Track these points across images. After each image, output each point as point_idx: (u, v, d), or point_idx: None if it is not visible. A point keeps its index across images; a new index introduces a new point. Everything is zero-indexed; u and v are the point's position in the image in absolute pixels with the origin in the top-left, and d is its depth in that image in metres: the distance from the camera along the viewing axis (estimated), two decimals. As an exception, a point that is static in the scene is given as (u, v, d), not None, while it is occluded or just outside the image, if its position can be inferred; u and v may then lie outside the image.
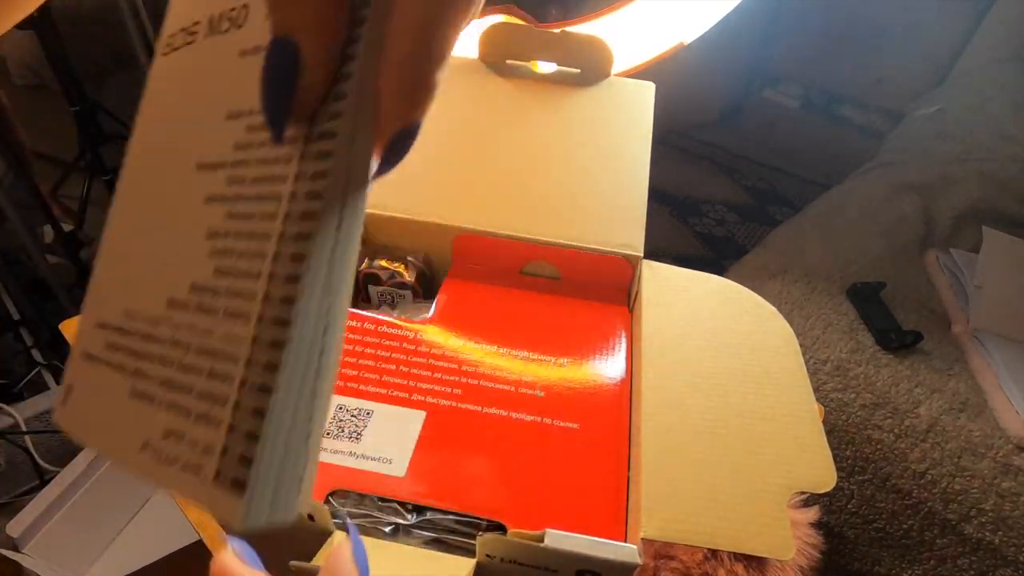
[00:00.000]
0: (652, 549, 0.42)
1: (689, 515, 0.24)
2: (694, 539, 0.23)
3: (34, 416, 1.05)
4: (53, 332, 1.14)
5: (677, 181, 1.96)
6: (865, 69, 1.86)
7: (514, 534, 0.22)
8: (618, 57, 0.47)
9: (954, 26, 1.67)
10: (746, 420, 0.27)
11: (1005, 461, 0.73)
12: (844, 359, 0.81)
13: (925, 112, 1.44)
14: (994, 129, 1.32)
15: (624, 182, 0.40)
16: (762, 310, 0.33)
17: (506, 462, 0.27)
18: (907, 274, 0.97)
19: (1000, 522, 0.71)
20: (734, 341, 0.31)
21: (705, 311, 0.33)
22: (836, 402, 0.79)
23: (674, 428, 0.27)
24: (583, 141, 0.42)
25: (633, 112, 0.45)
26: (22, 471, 1.04)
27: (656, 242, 1.33)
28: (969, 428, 0.76)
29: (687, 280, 0.34)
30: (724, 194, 1.95)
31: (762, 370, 0.30)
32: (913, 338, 0.83)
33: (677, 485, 0.25)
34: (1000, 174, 1.18)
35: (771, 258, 1.01)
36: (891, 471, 0.76)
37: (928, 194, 1.13)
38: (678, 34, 0.57)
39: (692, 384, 0.29)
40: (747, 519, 0.24)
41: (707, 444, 0.26)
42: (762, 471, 0.25)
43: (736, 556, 0.42)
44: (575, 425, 0.29)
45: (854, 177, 1.28)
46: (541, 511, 0.26)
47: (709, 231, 1.80)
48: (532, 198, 0.38)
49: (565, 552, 0.22)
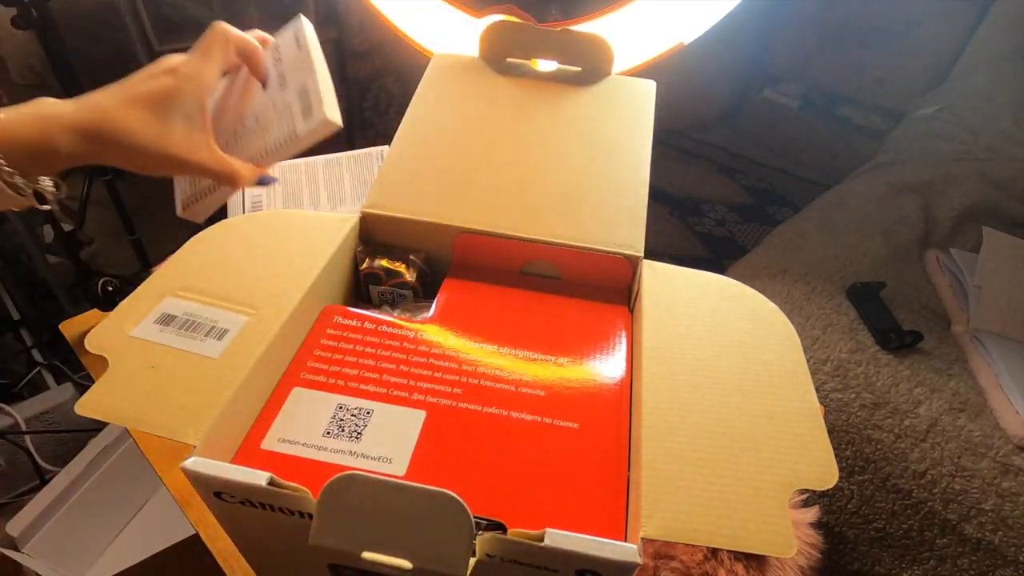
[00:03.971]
0: (652, 549, 0.42)
1: (690, 514, 0.24)
2: (695, 538, 0.23)
3: (34, 416, 1.05)
4: (53, 332, 1.14)
5: (677, 181, 1.96)
6: (865, 69, 1.86)
7: (514, 533, 0.22)
8: (618, 57, 0.47)
9: (954, 26, 1.66)
10: (747, 418, 0.27)
11: (1005, 461, 0.73)
12: (844, 359, 0.81)
13: (925, 112, 1.44)
14: (994, 129, 1.32)
15: (625, 181, 0.39)
16: (763, 308, 0.33)
17: (506, 462, 0.27)
18: (907, 274, 0.97)
19: (1000, 522, 0.71)
20: (735, 339, 0.31)
21: (706, 309, 0.33)
22: (836, 402, 0.79)
23: (674, 427, 0.27)
24: (584, 140, 0.42)
25: (634, 110, 0.45)
26: (22, 471, 1.04)
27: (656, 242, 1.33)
28: (969, 428, 0.76)
29: (688, 279, 0.34)
30: (724, 194, 1.95)
31: (763, 368, 0.30)
32: (913, 338, 0.83)
33: (677, 484, 0.25)
34: (1000, 174, 1.18)
35: (771, 258, 1.01)
36: (891, 471, 0.76)
37: (928, 194, 1.13)
38: (678, 34, 0.57)
39: (692, 383, 0.29)
40: (748, 517, 0.24)
41: (708, 443, 0.26)
42: (763, 469, 0.25)
43: (736, 556, 0.42)
44: (575, 425, 0.29)
45: (854, 177, 1.28)
46: (541, 510, 0.26)
47: (709, 231, 1.80)
48: (532, 198, 0.38)
49: (565, 552, 0.22)
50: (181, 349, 0.28)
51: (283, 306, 0.31)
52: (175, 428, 0.25)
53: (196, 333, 0.29)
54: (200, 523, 0.46)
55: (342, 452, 0.27)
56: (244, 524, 0.27)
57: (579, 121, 0.44)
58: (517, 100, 0.45)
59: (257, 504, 0.24)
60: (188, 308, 0.30)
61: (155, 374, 0.27)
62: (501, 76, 0.47)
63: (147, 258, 1.22)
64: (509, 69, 0.47)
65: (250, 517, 0.25)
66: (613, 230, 0.37)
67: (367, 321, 0.33)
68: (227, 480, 0.23)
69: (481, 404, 0.29)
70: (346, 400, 0.29)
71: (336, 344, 0.32)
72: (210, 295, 0.31)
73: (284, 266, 0.33)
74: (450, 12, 0.60)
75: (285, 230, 0.36)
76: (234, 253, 0.34)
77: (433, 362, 0.31)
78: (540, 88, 0.46)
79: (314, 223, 0.37)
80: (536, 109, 0.43)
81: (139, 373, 0.27)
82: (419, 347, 0.32)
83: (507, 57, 0.47)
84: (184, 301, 0.31)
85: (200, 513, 0.47)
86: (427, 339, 0.32)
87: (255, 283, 0.32)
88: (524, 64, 0.48)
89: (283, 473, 0.23)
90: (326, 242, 0.35)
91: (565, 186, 0.39)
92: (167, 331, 0.29)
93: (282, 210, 0.54)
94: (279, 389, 0.30)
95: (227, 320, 0.30)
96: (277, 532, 0.26)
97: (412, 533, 0.21)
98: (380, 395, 0.30)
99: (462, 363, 0.31)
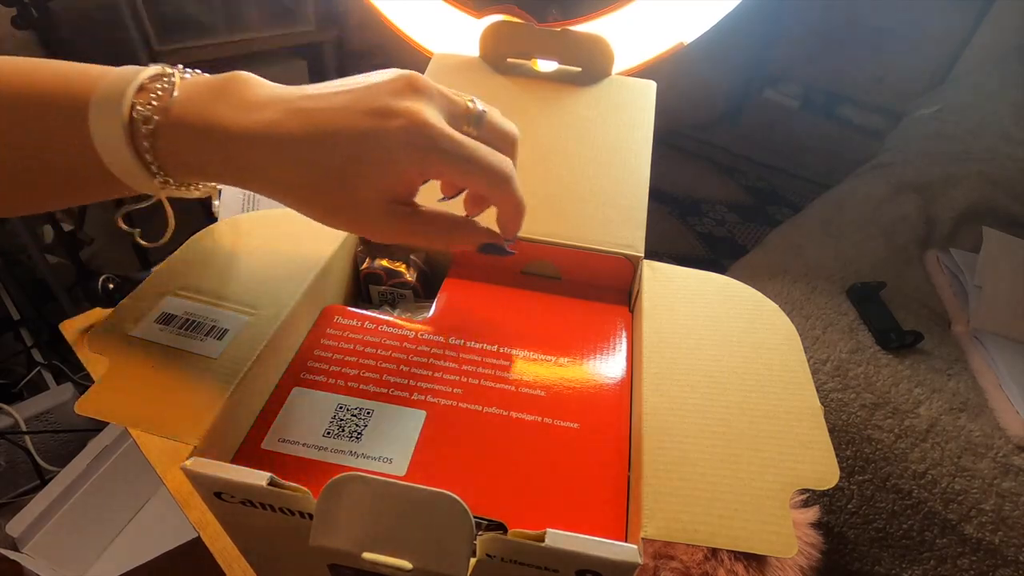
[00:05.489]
0: (652, 549, 0.42)
1: (690, 514, 0.24)
2: (695, 538, 0.23)
3: (34, 416, 1.05)
4: (53, 332, 1.14)
5: (677, 181, 1.96)
6: (865, 69, 1.86)
7: (515, 534, 0.22)
8: (618, 57, 0.47)
9: (954, 26, 1.67)
10: (747, 418, 0.27)
11: (1005, 461, 0.73)
12: (844, 359, 0.81)
13: (925, 112, 1.44)
14: (994, 129, 1.32)
15: (625, 181, 0.39)
16: (764, 307, 0.33)
17: (507, 462, 0.27)
18: (907, 274, 0.97)
19: (1000, 522, 0.71)
20: (735, 338, 0.31)
21: (706, 309, 0.33)
22: (836, 402, 0.79)
23: (675, 427, 0.27)
24: (584, 140, 0.42)
25: (634, 111, 0.45)
26: (22, 471, 1.04)
27: (656, 242, 1.33)
28: (969, 428, 0.76)
29: (688, 279, 0.34)
30: (724, 194, 1.95)
31: (764, 367, 0.30)
32: (913, 338, 0.83)
33: (678, 484, 0.25)
34: (1000, 174, 1.18)
35: (771, 258, 1.01)
36: (891, 471, 0.76)
37: (928, 194, 1.13)
38: (678, 34, 0.57)
39: (693, 382, 0.29)
40: (749, 517, 0.24)
41: (708, 442, 0.26)
42: (764, 469, 0.25)
43: (736, 556, 0.42)
44: (576, 425, 0.29)
45: (854, 177, 1.28)
46: (542, 511, 0.26)
47: (709, 231, 1.80)
48: (532, 198, 0.38)
49: (566, 552, 0.22)
50: (181, 349, 0.28)
51: (283, 306, 0.31)
52: (175, 428, 0.25)
53: (196, 333, 0.29)
54: (200, 523, 0.46)
55: (342, 452, 0.27)
56: (244, 524, 0.27)
57: (579, 121, 0.44)
58: (517, 100, 0.45)
59: (257, 504, 0.24)
60: (188, 308, 0.30)
61: (155, 374, 0.27)
62: (501, 76, 0.47)
63: (147, 258, 1.23)
64: (509, 69, 0.47)
65: (250, 517, 0.25)
66: (613, 231, 0.37)
67: (367, 321, 0.33)
68: (227, 480, 0.23)
69: (481, 404, 0.29)
70: (346, 400, 0.29)
71: (336, 344, 0.32)
72: (210, 295, 0.31)
73: (284, 266, 0.33)
74: (450, 12, 0.60)
75: (286, 230, 0.36)
76: (235, 253, 0.34)
77: (433, 362, 0.31)
78: (540, 88, 0.46)
79: (315, 223, 0.37)
80: (536, 109, 0.43)
81: (139, 373, 0.27)
82: (419, 347, 0.32)
83: (507, 57, 0.47)
84: (184, 301, 0.31)
85: (200, 513, 0.47)
86: (427, 339, 0.32)
87: (256, 283, 0.32)
88: (524, 64, 0.48)
89: (283, 473, 0.23)
90: (326, 242, 0.35)
91: (565, 186, 0.39)
92: (167, 331, 0.29)
93: (283, 210, 0.54)
94: (279, 389, 0.30)
95: (227, 320, 0.30)
96: (277, 532, 0.26)
97: (412, 533, 0.21)
98: (380, 395, 0.30)
99: (462, 363, 0.31)
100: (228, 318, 0.30)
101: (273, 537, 0.27)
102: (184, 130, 0.25)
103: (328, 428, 0.28)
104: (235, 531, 0.28)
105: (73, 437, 1.05)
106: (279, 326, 0.30)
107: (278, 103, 0.26)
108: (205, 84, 0.27)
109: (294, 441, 0.28)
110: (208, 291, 0.31)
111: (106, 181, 0.26)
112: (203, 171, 0.27)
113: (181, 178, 0.27)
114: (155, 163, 0.26)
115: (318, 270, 0.33)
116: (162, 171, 0.26)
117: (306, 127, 0.26)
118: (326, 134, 0.26)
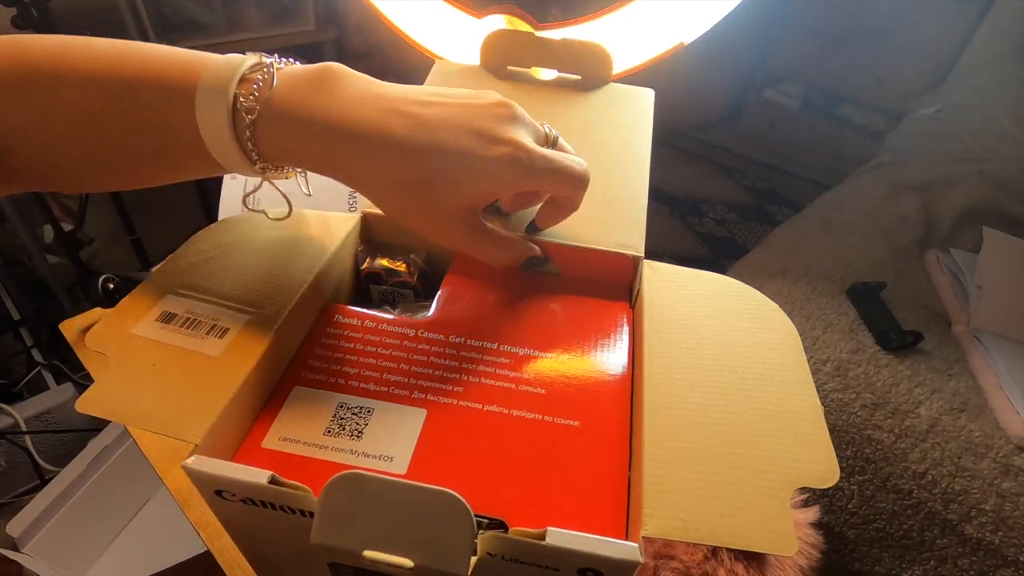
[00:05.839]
0: (652, 549, 0.42)
1: (691, 513, 0.24)
2: (696, 537, 0.23)
3: (34, 416, 1.05)
4: (53, 332, 1.14)
5: (677, 181, 1.96)
6: (865, 69, 1.86)
7: (515, 532, 0.22)
8: (618, 57, 0.47)
9: (954, 26, 1.67)
10: (748, 417, 0.27)
11: (1005, 461, 0.73)
12: (844, 359, 0.81)
13: (925, 112, 1.45)
14: (994, 129, 1.32)
15: (625, 189, 0.40)
16: (764, 306, 0.33)
17: (507, 460, 0.27)
18: (907, 274, 0.97)
19: (1000, 522, 0.71)
20: (736, 338, 0.31)
21: (707, 308, 0.33)
22: (836, 402, 0.79)
23: (676, 426, 0.27)
24: (584, 146, 0.42)
25: (634, 117, 0.45)
26: (22, 471, 1.04)
27: (656, 242, 1.33)
28: (969, 428, 0.76)
29: (688, 278, 0.35)
30: (724, 194, 1.95)
31: (764, 366, 0.30)
32: (913, 338, 0.83)
33: (678, 483, 0.25)
34: (1000, 174, 1.18)
35: (771, 258, 1.01)
36: (891, 471, 0.76)
37: (928, 194, 1.13)
38: (678, 34, 0.57)
39: (693, 381, 0.29)
40: (749, 516, 0.24)
41: (709, 441, 0.26)
42: (764, 468, 0.25)
43: (736, 556, 0.42)
44: (576, 423, 0.29)
45: (854, 177, 1.28)
46: (542, 509, 0.26)
47: (709, 231, 1.80)
48: (533, 197, 0.38)
49: (566, 550, 0.22)
50: (182, 347, 0.28)
51: (284, 305, 0.31)
52: (176, 426, 0.25)
53: (197, 331, 0.29)
54: (200, 523, 0.46)
55: (343, 451, 0.27)
56: (245, 523, 0.27)
57: (580, 125, 0.44)
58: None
59: (258, 503, 0.24)
60: (189, 306, 0.30)
61: (156, 372, 0.27)
62: (502, 83, 0.47)
63: (147, 258, 1.23)
64: (510, 77, 0.47)
65: (251, 516, 0.25)
66: (613, 232, 0.37)
67: (368, 320, 0.33)
68: (228, 479, 0.23)
69: (482, 402, 0.29)
70: (347, 399, 0.29)
71: (337, 343, 0.32)
72: (211, 293, 0.31)
73: (285, 265, 0.33)
74: (450, 12, 0.60)
75: (286, 229, 0.36)
76: (236, 251, 0.34)
77: (434, 360, 0.31)
78: (541, 94, 0.46)
79: (315, 223, 0.37)
80: (536, 115, 0.43)
81: (140, 371, 0.27)
82: (420, 345, 0.32)
83: (507, 65, 0.48)
84: (185, 299, 0.31)
85: (200, 512, 0.47)
86: (428, 337, 0.32)
87: (256, 282, 0.32)
88: (524, 72, 0.48)
89: (284, 471, 0.23)
90: (327, 241, 0.35)
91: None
92: (168, 329, 0.29)
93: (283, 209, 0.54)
94: (280, 388, 0.30)
95: (228, 318, 0.30)
96: (278, 531, 0.26)
97: (413, 532, 0.21)
98: (381, 394, 0.30)
99: (463, 361, 0.31)
100: (229, 317, 0.30)
101: (274, 536, 0.27)
102: (285, 121, 0.27)
103: (329, 427, 0.28)
104: (235, 530, 0.28)
105: (73, 437, 1.05)
106: (280, 325, 0.30)
107: (379, 101, 0.28)
108: (303, 75, 0.28)
109: (295, 440, 0.28)
110: (209, 290, 0.31)
111: (206, 163, 0.28)
112: (300, 160, 0.29)
113: (277, 163, 0.29)
114: (255, 150, 0.28)
115: (319, 269, 0.33)
116: (260, 158, 0.28)
117: (412, 132, 0.27)
118: (431, 143, 0.28)
